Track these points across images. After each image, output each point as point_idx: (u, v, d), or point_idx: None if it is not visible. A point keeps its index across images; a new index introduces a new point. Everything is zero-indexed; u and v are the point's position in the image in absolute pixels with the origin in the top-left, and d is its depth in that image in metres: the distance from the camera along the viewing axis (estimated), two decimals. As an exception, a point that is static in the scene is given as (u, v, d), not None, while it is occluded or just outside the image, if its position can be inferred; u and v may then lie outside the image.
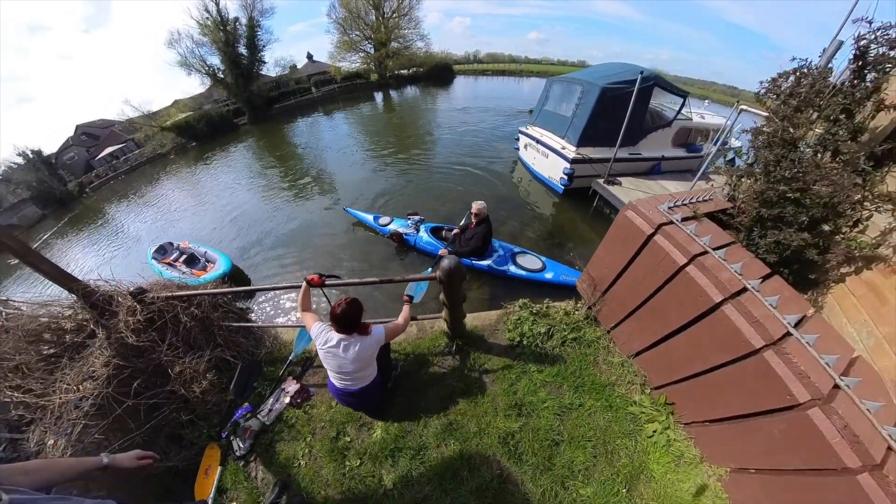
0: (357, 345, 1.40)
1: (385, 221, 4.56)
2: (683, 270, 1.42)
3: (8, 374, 1.54)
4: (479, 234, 2.98)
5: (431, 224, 4.24)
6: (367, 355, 1.43)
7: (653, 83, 5.19)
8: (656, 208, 1.63)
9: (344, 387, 1.51)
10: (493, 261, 3.37)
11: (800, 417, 1.10)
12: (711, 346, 1.37)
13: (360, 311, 1.41)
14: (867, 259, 1.59)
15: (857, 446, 0.99)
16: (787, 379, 1.13)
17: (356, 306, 1.40)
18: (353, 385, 1.50)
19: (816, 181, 1.50)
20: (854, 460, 0.98)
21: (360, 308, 1.41)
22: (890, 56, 1.41)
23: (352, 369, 1.43)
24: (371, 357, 1.47)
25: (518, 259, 3.46)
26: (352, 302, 1.39)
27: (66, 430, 1.44)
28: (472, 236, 2.97)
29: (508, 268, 3.29)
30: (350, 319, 1.37)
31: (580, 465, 1.51)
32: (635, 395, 1.76)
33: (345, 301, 1.38)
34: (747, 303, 1.27)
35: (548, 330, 2.04)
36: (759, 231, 1.70)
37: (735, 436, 1.39)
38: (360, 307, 1.42)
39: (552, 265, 3.39)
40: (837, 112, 1.52)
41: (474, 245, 2.94)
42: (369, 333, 1.43)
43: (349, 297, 1.42)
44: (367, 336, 1.43)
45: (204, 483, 1.63)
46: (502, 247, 3.59)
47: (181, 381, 1.80)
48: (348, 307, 1.37)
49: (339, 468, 1.56)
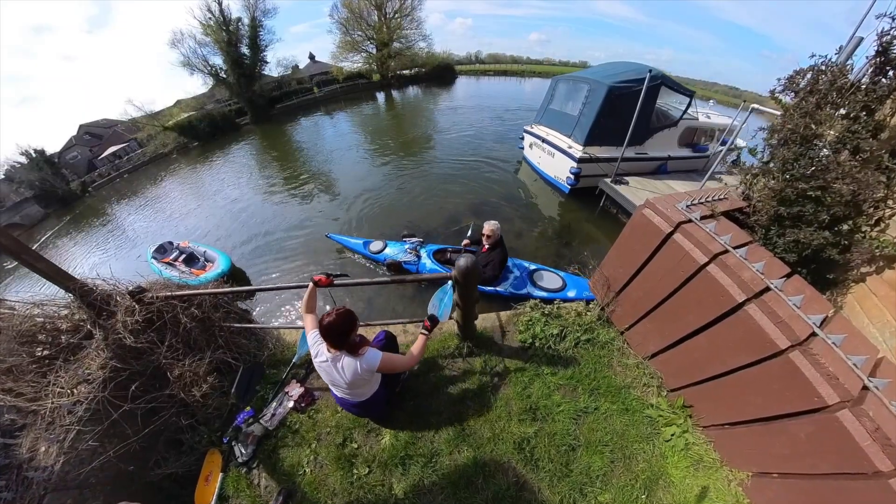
0: (346, 367, 1.25)
1: (377, 248, 3.88)
2: (704, 270, 1.38)
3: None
4: (494, 261, 2.58)
5: (434, 246, 3.71)
6: (357, 378, 1.28)
7: (660, 82, 5.17)
8: (674, 206, 1.59)
9: (343, 397, 1.43)
10: (511, 284, 3.03)
11: (828, 420, 1.06)
12: (733, 346, 1.33)
13: (351, 326, 1.23)
14: (889, 258, 1.55)
15: (889, 449, 0.95)
16: (815, 380, 1.09)
17: (345, 320, 1.21)
18: (352, 398, 1.41)
19: (837, 179, 1.47)
20: (887, 464, 0.94)
21: (350, 322, 1.23)
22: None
23: (345, 385, 1.31)
24: (364, 380, 1.31)
25: (536, 278, 3.12)
26: (342, 314, 1.21)
27: (59, 437, 1.36)
28: (487, 263, 2.57)
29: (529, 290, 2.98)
30: (337, 334, 1.21)
31: (598, 470, 1.46)
32: (652, 398, 1.71)
33: (335, 312, 1.21)
34: (771, 303, 1.23)
35: (560, 331, 2.00)
36: (776, 230, 1.66)
37: (757, 439, 1.35)
38: (352, 321, 1.23)
39: (572, 281, 3.12)
40: (858, 109, 1.48)
41: (490, 274, 2.56)
42: (360, 355, 1.26)
43: (342, 308, 1.24)
44: (357, 358, 1.25)
45: (204, 490, 1.58)
46: (517, 266, 3.25)
47: (181, 384, 1.74)
48: (335, 319, 1.19)
49: (347, 476, 1.51)
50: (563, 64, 48.44)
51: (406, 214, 5.63)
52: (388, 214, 5.78)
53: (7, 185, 16.21)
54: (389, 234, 5.08)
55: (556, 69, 32.93)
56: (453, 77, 27.93)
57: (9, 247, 1.32)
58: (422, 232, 5.07)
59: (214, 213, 7.44)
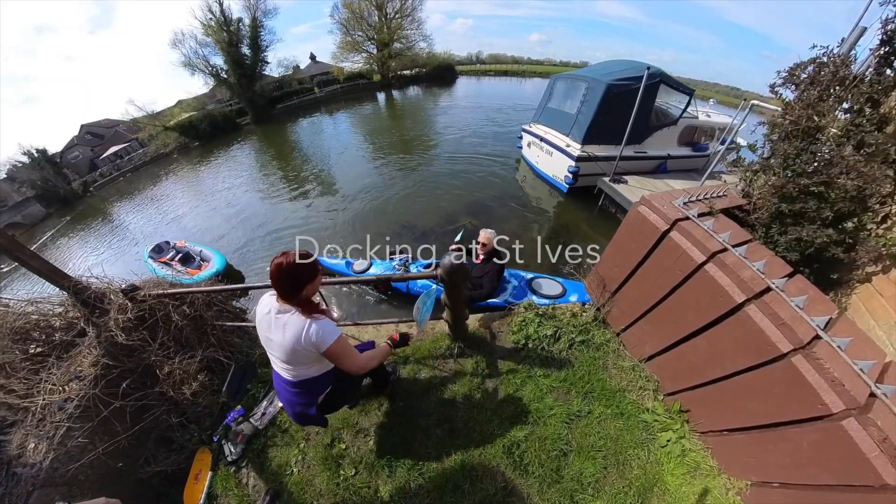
0: (290, 325, 0.97)
1: (361, 267, 3.54)
2: (702, 269, 1.33)
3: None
4: (490, 272, 2.29)
5: (423, 262, 3.50)
6: (299, 346, 0.97)
7: (659, 80, 5.13)
8: (671, 203, 1.54)
9: (278, 372, 1.11)
10: (511, 294, 2.87)
11: (833, 428, 1.00)
12: (732, 349, 1.28)
13: (311, 275, 0.98)
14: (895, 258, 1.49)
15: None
16: (819, 386, 1.04)
17: (305, 265, 0.95)
18: (287, 374, 1.08)
19: (842, 174, 1.41)
20: (895, 476, 0.89)
21: (310, 271, 0.97)
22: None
23: (282, 350, 1.02)
24: (307, 353, 1.00)
25: (535, 287, 3.00)
26: (303, 257, 0.96)
27: (49, 434, 1.37)
28: (483, 275, 2.30)
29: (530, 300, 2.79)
30: (290, 280, 0.94)
31: (590, 476, 1.42)
32: (647, 402, 1.66)
33: (293, 253, 0.96)
34: (772, 303, 1.18)
35: (554, 332, 1.95)
36: (778, 228, 1.61)
37: (757, 446, 1.30)
38: (312, 271, 0.98)
39: (572, 286, 3.05)
40: (862, 102, 1.43)
41: (488, 287, 2.29)
42: (311, 318, 0.97)
43: (305, 251, 1.00)
44: (305, 321, 0.96)
45: (194, 488, 1.57)
46: (514, 276, 3.11)
47: (171, 382, 1.73)
48: (291, 261, 0.93)
49: (334, 477, 1.48)
50: (563, 64, 48.44)
51: (404, 214, 5.61)
52: (386, 214, 5.77)
53: (9, 184, 16.41)
54: (387, 232, 5.06)
55: (557, 69, 32.86)
56: (454, 77, 28.02)
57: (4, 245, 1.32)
58: (418, 231, 5.04)
59: (214, 212, 7.48)
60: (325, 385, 1.16)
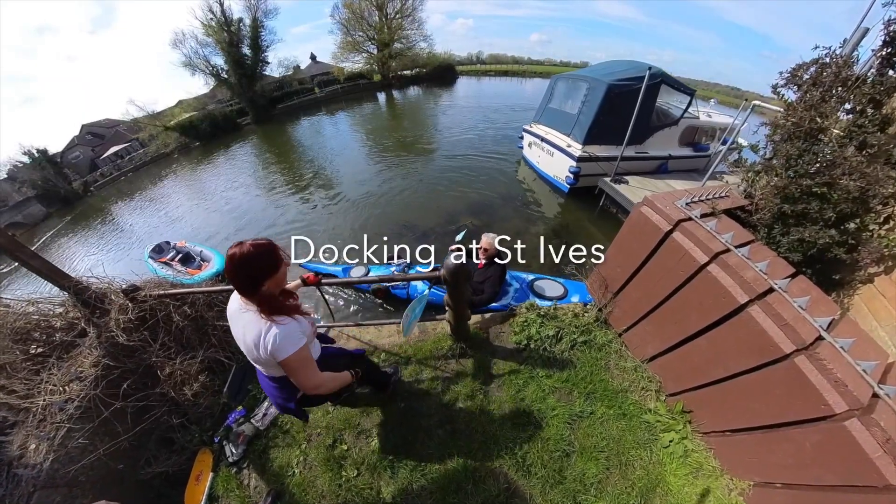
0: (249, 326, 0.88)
1: (359, 274, 3.42)
2: (705, 269, 1.32)
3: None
4: (492, 277, 2.25)
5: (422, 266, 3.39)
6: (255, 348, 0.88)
7: (660, 80, 5.13)
8: (673, 204, 1.54)
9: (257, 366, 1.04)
10: (513, 297, 2.85)
11: (836, 429, 1.00)
12: (735, 350, 1.28)
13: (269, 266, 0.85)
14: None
15: (902, 462, 0.90)
16: (822, 387, 1.04)
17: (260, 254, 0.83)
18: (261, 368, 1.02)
19: (844, 174, 1.41)
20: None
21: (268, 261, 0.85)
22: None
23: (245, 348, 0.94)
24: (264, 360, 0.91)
25: (537, 289, 2.97)
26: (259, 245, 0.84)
27: (49, 435, 1.37)
28: (484, 280, 2.27)
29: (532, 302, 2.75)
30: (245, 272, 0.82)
31: (592, 477, 1.42)
32: (650, 403, 1.66)
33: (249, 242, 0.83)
34: (775, 304, 1.18)
35: (556, 333, 1.95)
36: (780, 228, 1.61)
37: (760, 447, 1.30)
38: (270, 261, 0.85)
39: (574, 287, 3.01)
40: (864, 103, 1.43)
41: (489, 292, 2.24)
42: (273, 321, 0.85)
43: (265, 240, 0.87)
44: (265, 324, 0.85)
45: (195, 489, 1.57)
46: (516, 279, 3.07)
47: (172, 382, 1.73)
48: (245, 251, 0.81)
49: (335, 478, 1.48)
50: (563, 64, 48.49)
51: (404, 214, 5.61)
52: (386, 214, 5.77)
53: (10, 184, 16.40)
54: (387, 232, 5.05)
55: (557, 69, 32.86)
56: (454, 77, 28.05)
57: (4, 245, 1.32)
58: (418, 231, 5.04)
59: (214, 212, 7.49)
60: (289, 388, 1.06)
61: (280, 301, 0.91)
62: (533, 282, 3.10)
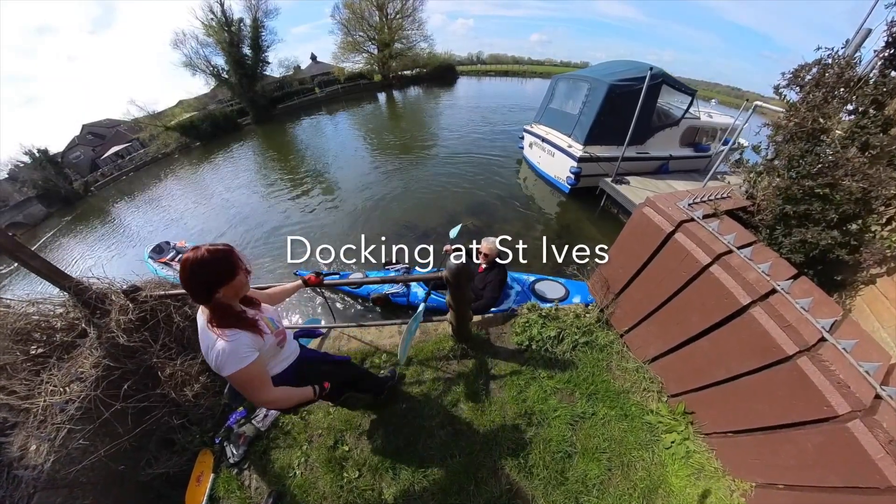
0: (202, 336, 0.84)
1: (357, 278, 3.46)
2: (707, 270, 1.32)
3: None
4: (492, 282, 2.24)
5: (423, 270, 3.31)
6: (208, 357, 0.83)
7: (661, 80, 5.12)
8: (675, 205, 1.54)
9: None
10: (514, 301, 2.83)
11: (838, 430, 1.00)
12: (737, 351, 1.28)
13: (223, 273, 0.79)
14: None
15: (905, 464, 0.90)
16: (824, 388, 1.04)
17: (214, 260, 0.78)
18: None
19: (847, 175, 1.41)
20: (903, 479, 0.89)
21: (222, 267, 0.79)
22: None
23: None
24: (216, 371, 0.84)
25: (538, 291, 2.95)
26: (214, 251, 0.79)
27: (50, 435, 1.36)
28: (485, 286, 2.25)
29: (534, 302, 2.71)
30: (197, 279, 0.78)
31: (594, 478, 1.41)
32: (652, 404, 1.66)
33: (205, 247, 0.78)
34: (777, 305, 1.18)
35: (558, 333, 1.95)
36: (782, 229, 1.60)
37: (762, 448, 1.29)
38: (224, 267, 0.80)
39: (575, 287, 2.98)
40: (867, 104, 1.43)
41: (490, 297, 2.22)
42: (220, 333, 0.80)
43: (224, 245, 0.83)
44: (212, 337, 0.81)
45: (195, 490, 1.57)
46: (517, 281, 3.04)
47: (172, 383, 1.73)
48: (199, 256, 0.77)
49: (337, 479, 1.48)
50: (564, 64, 48.51)
51: (404, 214, 5.61)
52: (386, 214, 5.77)
53: (10, 184, 16.42)
54: (387, 232, 5.05)
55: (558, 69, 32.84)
56: (454, 77, 28.04)
57: (5, 245, 1.32)
58: (419, 231, 5.04)
59: (214, 212, 7.48)
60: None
61: (233, 311, 0.85)
62: (534, 283, 3.07)
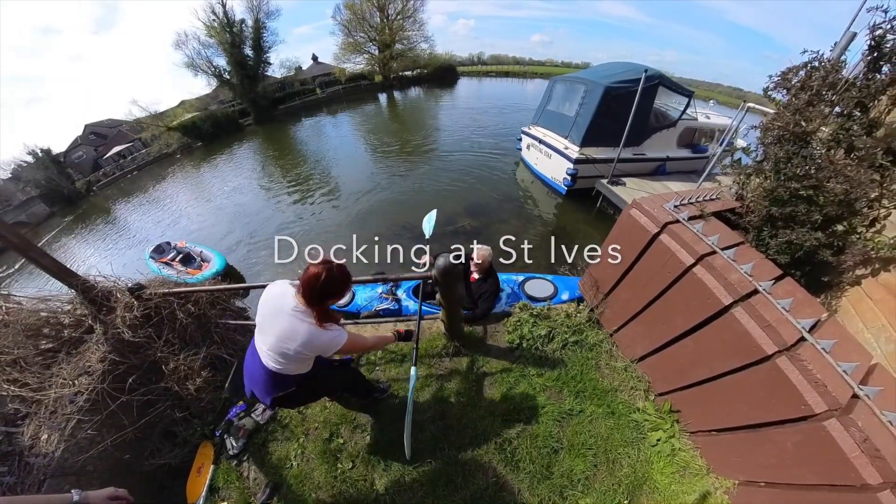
0: (300, 329, 0.99)
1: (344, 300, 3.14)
2: (690, 271, 1.36)
3: (6, 367, 1.52)
4: (487, 292, 2.22)
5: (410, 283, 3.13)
6: (296, 346, 1.00)
7: (657, 82, 5.14)
8: (662, 207, 1.57)
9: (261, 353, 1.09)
10: (506, 303, 2.78)
11: (815, 429, 1.03)
12: (719, 351, 1.31)
13: (343, 287, 1.01)
14: (885, 260, 1.51)
15: (878, 462, 0.92)
16: (802, 387, 1.07)
17: (341, 277, 0.99)
18: (271, 359, 1.06)
19: (830, 178, 1.44)
20: (875, 477, 0.91)
21: (344, 283, 1.01)
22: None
23: (275, 342, 1.02)
24: (301, 357, 1.05)
25: (528, 289, 2.98)
26: (342, 269, 1.00)
27: (60, 425, 1.43)
28: (479, 296, 2.24)
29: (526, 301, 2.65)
30: (324, 288, 0.97)
31: (580, 474, 1.45)
32: (638, 402, 1.69)
33: (326, 266, 0.98)
34: (758, 306, 1.21)
35: (548, 332, 1.99)
36: (769, 231, 1.63)
37: (744, 446, 1.32)
38: (345, 283, 1.01)
39: (563, 283, 3.04)
40: (851, 106, 1.46)
41: (484, 308, 2.22)
42: (324, 328, 1.01)
43: (342, 263, 1.03)
44: (317, 331, 1.00)
45: (196, 481, 1.61)
46: (507, 282, 3.03)
47: (175, 377, 1.78)
48: (328, 273, 0.96)
49: (331, 470, 1.53)
50: (565, 65, 48.37)
51: (402, 215, 5.66)
52: (385, 214, 5.82)
53: (14, 183, 16.59)
54: (386, 234, 5.09)
55: (559, 70, 32.76)
56: (455, 78, 28.05)
57: (16, 244, 1.37)
58: (417, 231, 5.06)
59: (215, 212, 7.57)
60: (291, 385, 1.15)
61: (331, 313, 1.08)
62: (523, 283, 3.11)
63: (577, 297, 2.74)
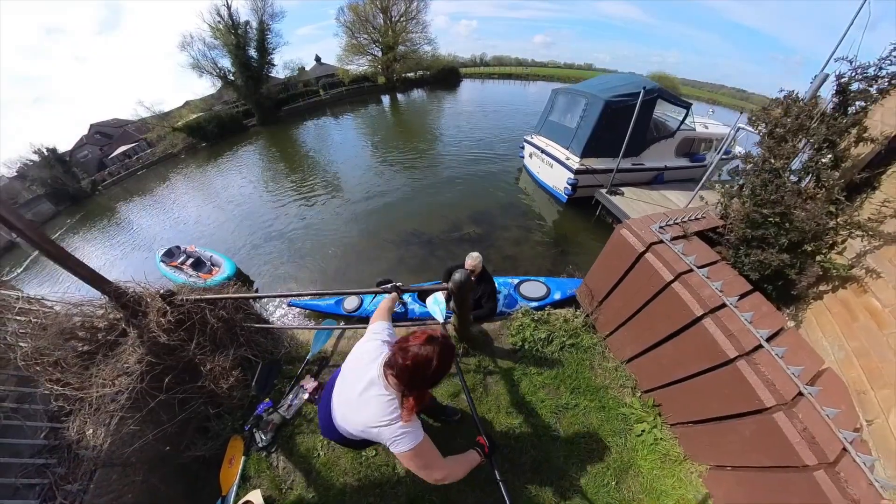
0: (376, 398, 0.82)
1: (353, 305, 3.38)
2: (670, 286, 1.57)
3: (48, 368, 1.61)
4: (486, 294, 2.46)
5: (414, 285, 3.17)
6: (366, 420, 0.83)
7: (656, 96, 5.31)
8: (649, 228, 1.78)
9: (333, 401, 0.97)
10: (504, 304, 3.06)
11: (766, 420, 1.24)
12: (693, 354, 1.53)
13: (451, 364, 0.81)
14: (842, 279, 1.74)
15: (814, 447, 1.13)
16: (756, 386, 1.28)
17: (449, 358, 0.79)
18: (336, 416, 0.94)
19: (796, 206, 1.66)
20: (812, 459, 1.12)
21: (452, 359, 0.81)
22: (870, 92, 1.58)
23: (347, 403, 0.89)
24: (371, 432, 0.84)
25: (523, 291, 3.20)
26: (447, 342, 0.81)
27: (105, 421, 1.56)
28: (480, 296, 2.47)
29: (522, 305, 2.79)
30: (435, 378, 0.78)
31: (575, 458, 1.66)
32: (627, 398, 1.91)
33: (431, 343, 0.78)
34: (724, 317, 1.42)
35: (548, 336, 2.20)
36: (744, 250, 1.85)
37: (713, 436, 1.54)
38: (453, 357, 0.82)
39: (555, 285, 3.26)
40: (821, 141, 1.67)
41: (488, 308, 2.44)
42: (406, 420, 0.79)
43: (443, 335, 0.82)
44: (395, 425, 0.79)
45: (228, 472, 1.77)
46: (503, 284, 3.26)
47: (211, 377, 1.95)
48: (441, 354, 0.77)
49: (356, 458, 1.72)
50: (567, 66, 48.42)
51: (407, 221, 5.77)
52: (392, 220, 5.90)
53: (20, 182, 16.64)
54: (390, 238, 5.25)
55: (561, 72, 32.83)
56: (458, 80, 28.04)
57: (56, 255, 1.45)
58: (424, 238, 5.25)
59: (220, 214, 7.58)
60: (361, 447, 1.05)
61: (422, 401, 0.84)
62: (518, 285, 3.31)
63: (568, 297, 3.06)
